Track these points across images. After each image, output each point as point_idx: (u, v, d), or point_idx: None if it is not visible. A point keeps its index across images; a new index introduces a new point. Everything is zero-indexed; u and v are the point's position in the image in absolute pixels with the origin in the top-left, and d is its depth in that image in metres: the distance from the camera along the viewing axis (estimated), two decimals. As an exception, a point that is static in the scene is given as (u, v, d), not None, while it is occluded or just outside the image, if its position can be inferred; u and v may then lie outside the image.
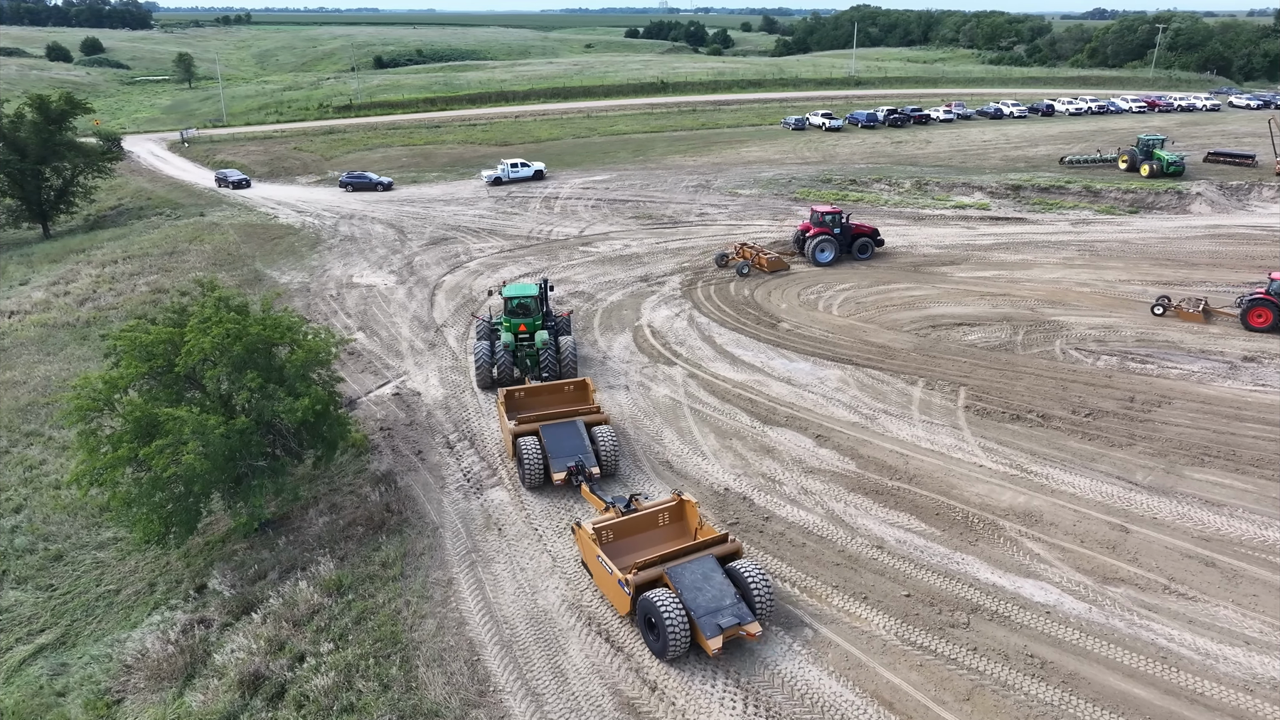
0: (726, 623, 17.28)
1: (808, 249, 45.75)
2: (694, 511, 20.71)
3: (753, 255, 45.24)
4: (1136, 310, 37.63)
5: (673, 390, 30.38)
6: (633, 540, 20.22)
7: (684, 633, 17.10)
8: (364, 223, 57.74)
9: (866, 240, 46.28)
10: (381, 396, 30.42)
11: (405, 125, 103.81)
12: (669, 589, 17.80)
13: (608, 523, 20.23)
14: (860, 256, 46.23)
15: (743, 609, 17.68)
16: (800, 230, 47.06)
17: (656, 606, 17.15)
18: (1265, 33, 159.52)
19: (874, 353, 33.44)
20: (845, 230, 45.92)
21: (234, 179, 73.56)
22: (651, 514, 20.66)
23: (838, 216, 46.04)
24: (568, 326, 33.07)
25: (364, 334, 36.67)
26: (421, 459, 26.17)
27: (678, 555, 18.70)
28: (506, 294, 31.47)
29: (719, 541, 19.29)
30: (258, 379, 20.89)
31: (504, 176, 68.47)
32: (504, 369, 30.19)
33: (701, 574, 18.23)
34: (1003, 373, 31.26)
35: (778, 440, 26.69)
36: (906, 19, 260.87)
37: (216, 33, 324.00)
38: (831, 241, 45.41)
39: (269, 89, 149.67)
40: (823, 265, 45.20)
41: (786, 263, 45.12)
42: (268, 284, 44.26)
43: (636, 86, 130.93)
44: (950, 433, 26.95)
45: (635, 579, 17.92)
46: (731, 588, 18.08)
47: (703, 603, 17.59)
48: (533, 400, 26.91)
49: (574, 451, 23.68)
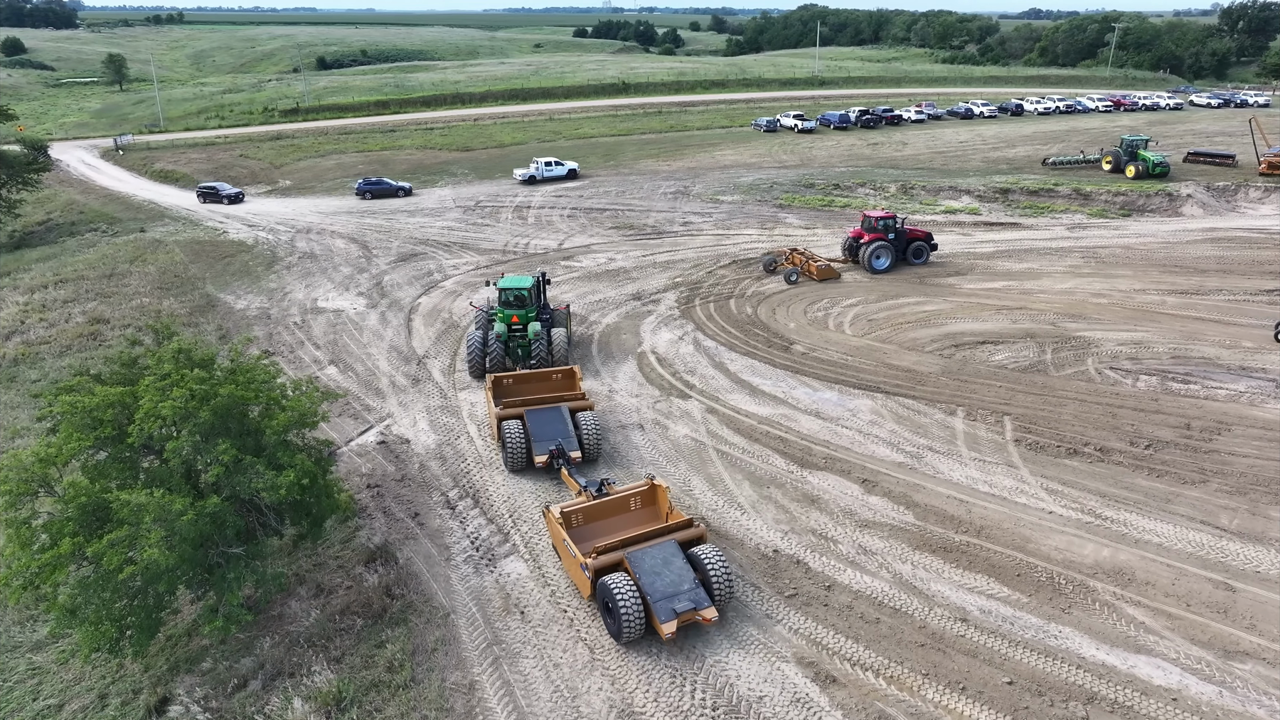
0: (682, 607, 17.47)
1: (863, 256, 43.48)
2: (665, 497, 20.87)
3: (803, 261, 43.00)
4: (1160, 322, 35.92)
5: (693, 429, 27.42)
6: (603, 524, 20.39)
7: (638, 617, 17.36)
8: (323, 237, 53.54)
9: (921, 245, 44.30)
10: (365, 445, 26.81)
11: (358, 130, 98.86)
12: (627, 573, 18.06)
13: (577, 507, 20.47)
14: (915, 262, 44.17)
15: (700, 594, 17.79)
16: (852, 236, 44.83)
17: (611, 590, 17.42)
18: (1210, 32, 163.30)
19: (901, 378, 30.96)
20: (900, 235, 43.87)
21: (228, 193, 65.14)
22: (622, 499, 20.94)
23: (892, 221, 43.93)
24: (565, 320, 33.14)
25: (337, 368, 32.90)
26: (420, 524, 22.75)
27: (640, 540, 18.90)
28: (501, 285, 32.09)
29: (683, 526, 19.49)
30: (231, 451, 17.32)
31: (538, 175, 68.27)
32: (495, 359, 30.62)
33: (662, 559, 18.40)
34: (1043, 398, 29.02)
35: (820, 487, 23.93)
36: (857, 18, 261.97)
37: (147, 32, 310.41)
38: (887, 247, 43.30)
39: (207, 91, 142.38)
40: (879, 272, 43.14)
41: (837, 270, 43.00)
42: (221, 310, 40.05)
43: (597, 87, 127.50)
44: (1007, 472, 24.51)
45: (595, 562, 18.20)
46: (691, 573, 18.23)
47: (660, 587, 17.78)
48: (521, 387, 27.66)
49: (556, 436, 24.27)
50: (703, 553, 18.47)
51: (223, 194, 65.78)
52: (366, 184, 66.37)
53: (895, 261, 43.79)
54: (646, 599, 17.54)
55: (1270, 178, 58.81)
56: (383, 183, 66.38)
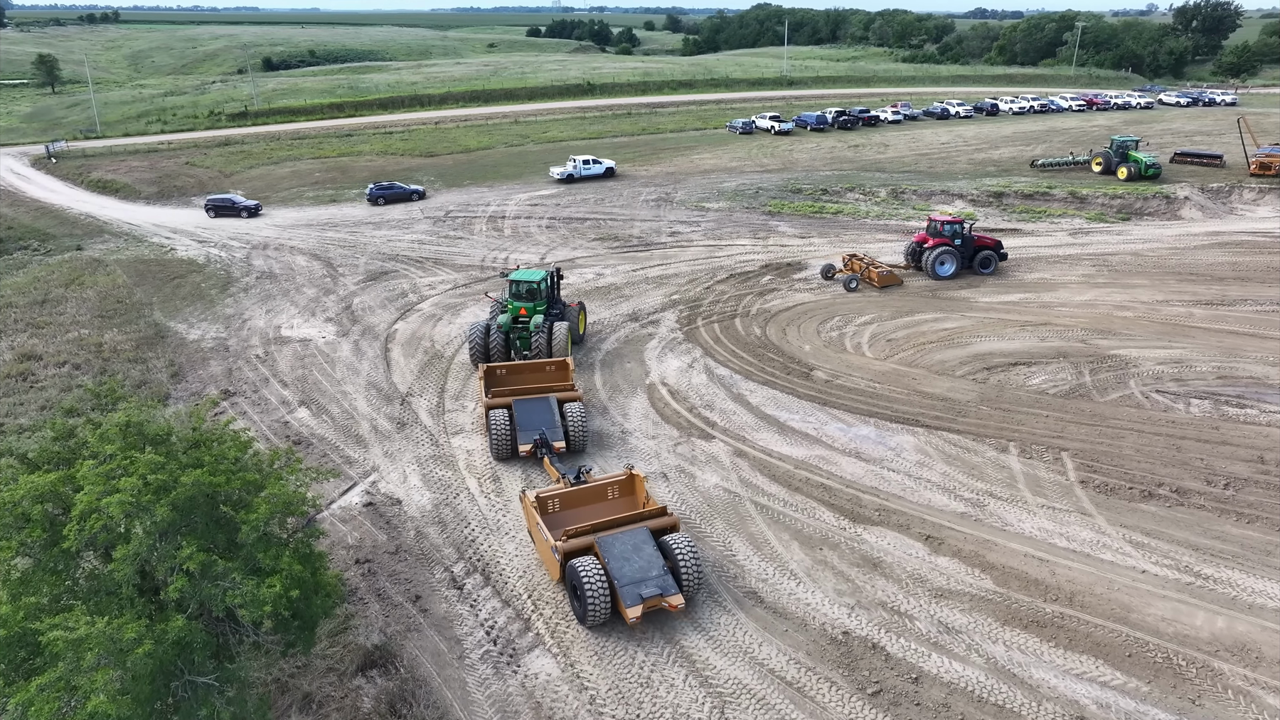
0: (648, 593, 17.65)
1: (926, 262, 41.45)
2: (642, 486, 21.16)
3: (862, 268, 40.85)
4: (1194, 337, 33.97)
5: (723, 476, 24.37)
6: (580, 511, 20.51)
7: (604, 600, 17.52)
8: (282, 254, 49.30)
9: (990, 254, 42.13)
10: (349, 508, 23.19)
11: (312, 134, 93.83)
12: (596, 557, 18.23)
13: (553, 493, 20.73)
14: (983, 271, 42.09)
15: (668, 581, 17.97)
16: (916, 242, 42.80)
17: (579, 573, 17.65)
18: (1165, 31, 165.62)
19: (938, 408, 28.32)
20: (967, 242, 41.81)
21: (245, 205, 58.54)
22: (600, 487, 21.26)
23: (959, 227, 41.84)
24: (574, 316, 33.06)
25: (309, 411, 29.11)
26: (423, 610, 19.29)
27: (612, 525, 19.09)
28: (512, 277, 32.42)
29: (656, 514, 19.68)
30: (199, 555, 13.76)
31: (576, 173, 66.88)
32: (496, 349, 30.76)
33: (632, 545, 18.56)
34: (1097, 429, 26.62)
35: (880, 546, 21.07)
36: (814, 17, 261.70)
37: (81, 32, 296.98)
38: (953, 254, 41.28)
39: (147, 94, 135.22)
40: (943, 279, 41.27)
41: (900, 277, 40.92)
42: (173, 343, 35.84)
43: (561, 88, 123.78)
44: (1081, 521, 21.94)
45: (565, 545, 18.43)
46: (660, 560, 18.42)
47: (628, 572, 17.96)
48: (514, 377, 27.94)
49: (542, 425, 24.58)
50: (673, 541, 18.65)
51: (239, 206, 59.02)
52: (379, 189, 62.77)
53: (960, 269, 41.90)
54: (613, 583, 17.71)
55: (1261, 178, 57.89)
56: (395, 187, 63.23)
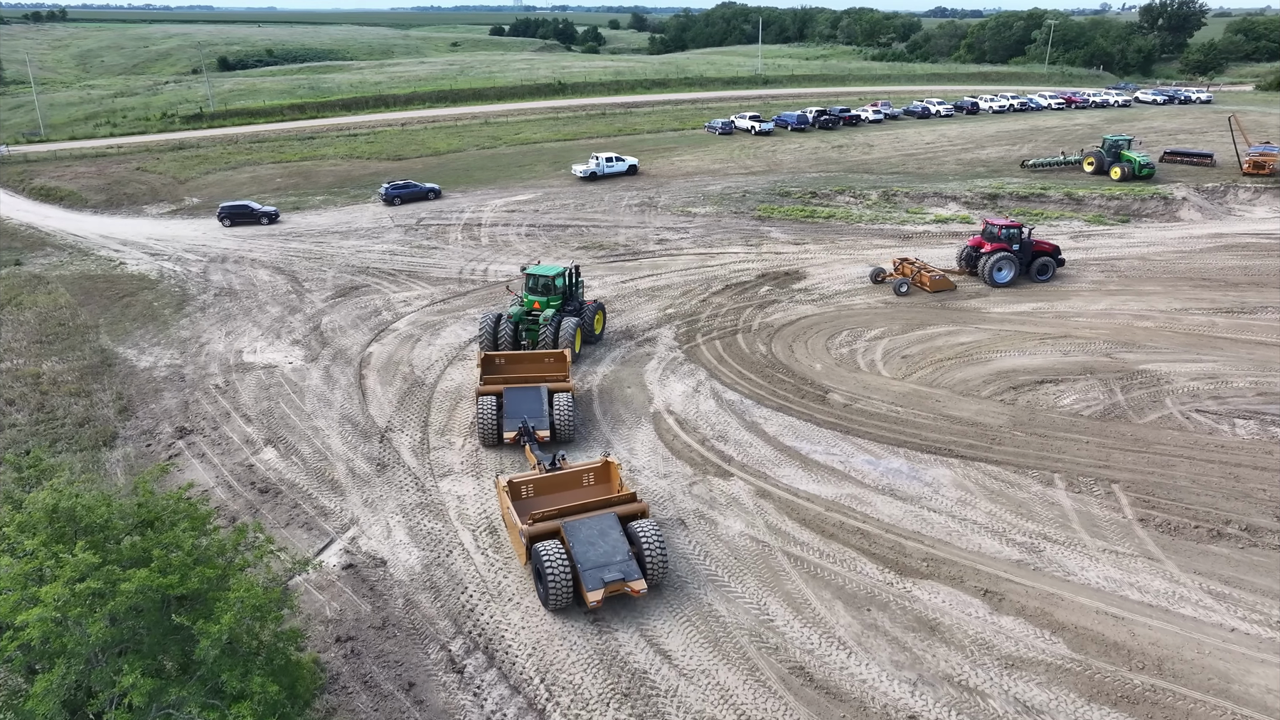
0: (610, 577, 17.70)
1: (983, 268, 39.77)
2: (616, 473, 21.26)
3: (914, 272, 39.34)
4: (1222, 349, 32.28)
5: (747, 522, 21.86)
6: (555, 498, 20.59)
7: (565, 584, 17.59)
8: (242, 268, 45.84)
9: (1048, 260, 40.43)
10: (326, 571, 20.24)
11: (272, 137, 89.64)
12: (561, 542, 18.28)
13: (527, 478, 20.93)
14: (1040, 278, 40.39)
15: (631, 566, 17.99)
16: (970, 246, 41.08)
17: (541, 557, 17.70)
18: (1133, 29, 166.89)
19: (970, 435, 26.14)
20: (1025, 247, 40.04)
21: (264, 212, 55.00)
22: (575, 474, 21.49)
23: (1017, 231, 40.00)
24: (590, 315, 33.15)
25: (276, 451, 26.04)
26: (417, 701, 16.49)
27: (580, 510, 19.19)
28: (529, 271, 33.28)
29: (625, 500, 19.72)
30: (146, 681, 10.92)
31: (599, 171, 65.59)
32: (505, 339, 31.39)
33: (599, 530, 18.63)
34: (1144, 456, 24.63)
35: (934, 605, 18.71)
36: (781, 15, 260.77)
37: (26, 30, 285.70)
38: (1011, 260, 39.65)
39: (96, 95, 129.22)
40: (1000, 286, 39.61)
41: (953, 282, 39.40)
42: (121, 372, 32.45)
43: (531, 88, 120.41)
44: (1150, 567, 19.81)
45: (530, 529, 18.46)
46: (627, 546, 18.43)
47: (592, 557, 18.02)
48: (512, 366, 28.32)
49: (530, 414, 25.03)
50: (640, 527, 18.71)
51: (259, 214, 55.19)
52: (394, 189, 59.84)
53: (1018, 275, 40.16)
54: (576, 567, 17.80)
55: (1255, 178, 56.93)
56: (411, 186, 60.55)
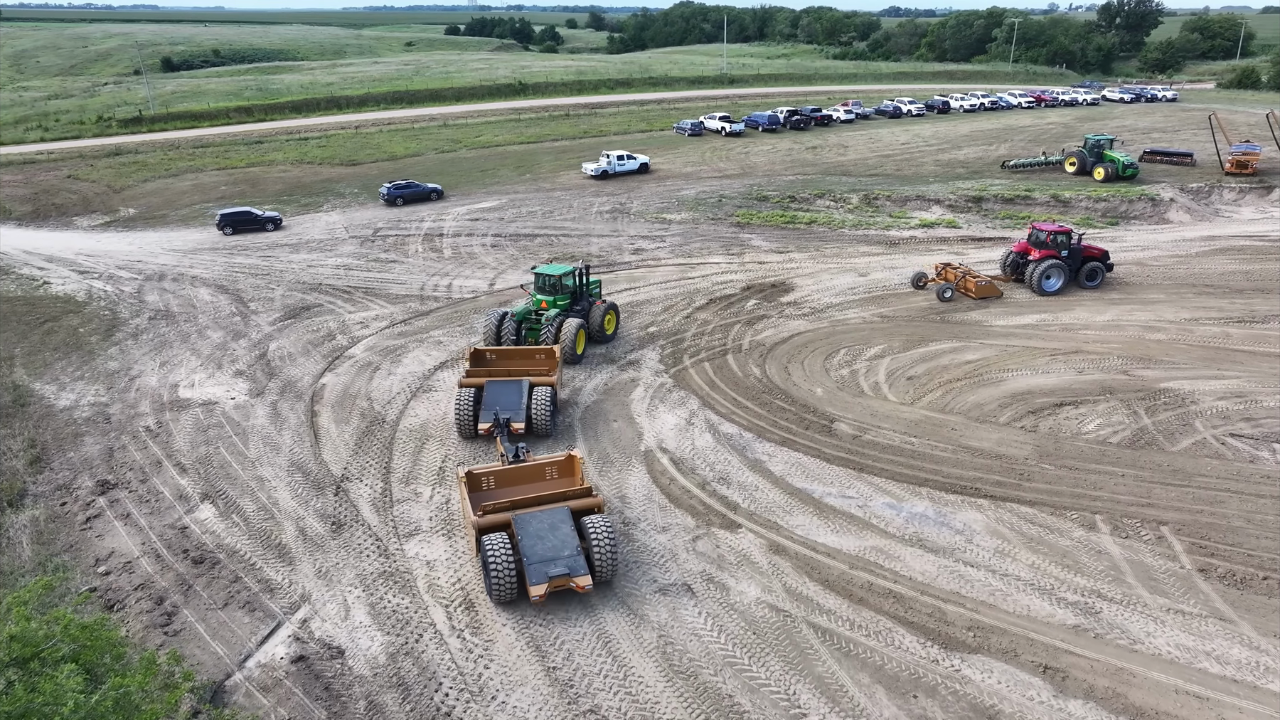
0: (555, 572, 17.45)
1: (1031, 275, 37.78)
2: (579, 468, 20.92)
3: (958, 277, 37.44)
4: (1242, 363, 30.47)
5: (763, 586, 19.06)
6: (516, 490, 20.34)
7: (509, 577, 17.37)
8: (181, 286, 41.88)
9: (1097, 265, 38.48)
10: (272, 667, 16.96)
11: (216, 141, 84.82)
12: (509, 535, 18.12)
13: (488, 470, 20.76)
14: (1088, 285, 38.49)
15: (579, 562, 17.73)
16: (1015, 252, 39.08)
17: (486, 549, 17.50)
18: (1091, 28, 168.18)
19: (995, 470, 23.73)
20: (1075, 253, 38.05)
21: (269, 217, 52.16)
22: (538, 467, 21.20)
23: (1066, 237, 37.98)
24: (598, 315, 32.74)
25: (214, 508, 22.60)
26: (386, 845, 13.39)
27: (532, 503, 18.95)
28: (537, 270, 33.22)
29: (580, 495, 19.40)
30: None
31: (610, 169, 64.60)
32: (507, 337, 31.26)
33: (549, 524, 18.42)
34: (1187, 491, 22.43)
35: (988, 687, 16.11)
36: (741, 15, 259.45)
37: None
38: (1060, 267, 37.72)
39: (28, 97, 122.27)
40: (1049, 294, 37.76)
41: (999, 288, 37.59)
42: (36, 413, 28.59)
43: (491, 89, 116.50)
44: (1224, 631, 17.47)
45: (479, 521, 18.26)
46: (576, 541, 18.15)
47: (539, 551, 17.79)
48: (502, 361, 28.14)
49: (508, 407, 24.72)
50: (591, 523, 18.36)
51: (263, 220, 52.12)
52: (395, 189, 57.11)
53: (1067, 283, 38.26)
54: (522, 560, 17.60)
55: (1238, 177, 55.90)
56: (413, 185, 58.46)
